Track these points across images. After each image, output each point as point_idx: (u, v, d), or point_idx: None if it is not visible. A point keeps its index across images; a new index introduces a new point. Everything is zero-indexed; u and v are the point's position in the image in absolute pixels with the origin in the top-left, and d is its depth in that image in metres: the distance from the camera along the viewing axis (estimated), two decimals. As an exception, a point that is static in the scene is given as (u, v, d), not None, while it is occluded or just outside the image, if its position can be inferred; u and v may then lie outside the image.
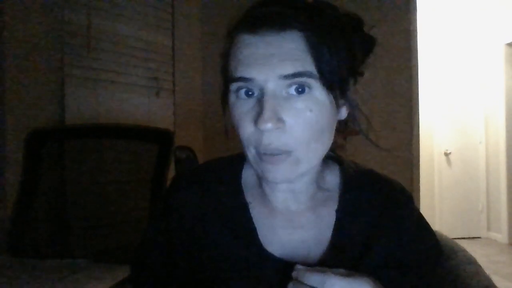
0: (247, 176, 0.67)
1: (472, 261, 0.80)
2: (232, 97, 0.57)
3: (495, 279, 0.77)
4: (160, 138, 1.41)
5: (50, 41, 1.74)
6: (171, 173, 1.45)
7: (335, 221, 0.62)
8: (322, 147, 0.58)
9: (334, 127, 0.60)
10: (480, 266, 0.79)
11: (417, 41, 2.71)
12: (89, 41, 1.92)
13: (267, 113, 0.52)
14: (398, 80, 2.64)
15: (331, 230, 0.61)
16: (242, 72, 0.54)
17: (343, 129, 0.64)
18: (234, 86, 0.56)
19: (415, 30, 2.70)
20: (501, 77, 4.42)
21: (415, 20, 2.71)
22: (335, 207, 0.63)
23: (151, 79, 2.29)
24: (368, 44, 0.61)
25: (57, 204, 1.52)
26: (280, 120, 0.53)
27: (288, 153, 0.55)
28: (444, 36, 4.68)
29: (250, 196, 0.64)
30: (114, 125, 1.76)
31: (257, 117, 0.53)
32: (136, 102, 2.19)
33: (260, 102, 0.54)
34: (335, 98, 0.56)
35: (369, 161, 0.78)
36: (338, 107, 0.58)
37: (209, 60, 2.62)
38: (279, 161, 0.55)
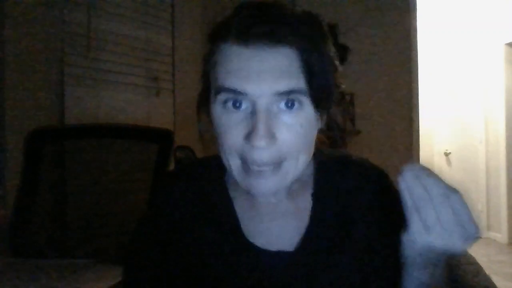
0: None
1: (472, 261, 0.80)
2: (217, 107, 0.57)
3: (495, 279, 0.77)
4: (160, 138, 1.41)
5: (50, 41, 1.74)
6: (171, 173, 1.45)
7: (311, 206, 0.64)
8: (307, 158, 0.60)
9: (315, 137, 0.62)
10: (480, 266, 0.79)
11: (417, 41, 2.71)
12: (89, 41, 1.92)
13: (261, 131, 0.53)
14: (398, 80, 2.64)
15: (309, 214, 0.63)
16: (234, 84, 0.54)
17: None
18: (222, 96, 0.55)
19: (415, 30, 2.70)
20: (501, 77, 4.42)
21: (415, 20, 2.71)
22: (311, 192, 0.65)
23: (151, 79, 2.29)
24: (343, 52, 0.63)
25: (57, 204, 1.52)
26: (273, 136, 0.54)
27: (277, 164, 0.56)
28: (444, 36, 4.68)
29: (235, 191, 0.66)
30: (114, 125, 1.76)
31: (249, 132, 0.54)
32: (136, 102, 2.19)
33: (252, 117, 0.54)
34: (321, 112, 0.58)
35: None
36: (321, 119, 0.60)
37: (209, 60, 2.62)
38: (267, 175, 0.56)
